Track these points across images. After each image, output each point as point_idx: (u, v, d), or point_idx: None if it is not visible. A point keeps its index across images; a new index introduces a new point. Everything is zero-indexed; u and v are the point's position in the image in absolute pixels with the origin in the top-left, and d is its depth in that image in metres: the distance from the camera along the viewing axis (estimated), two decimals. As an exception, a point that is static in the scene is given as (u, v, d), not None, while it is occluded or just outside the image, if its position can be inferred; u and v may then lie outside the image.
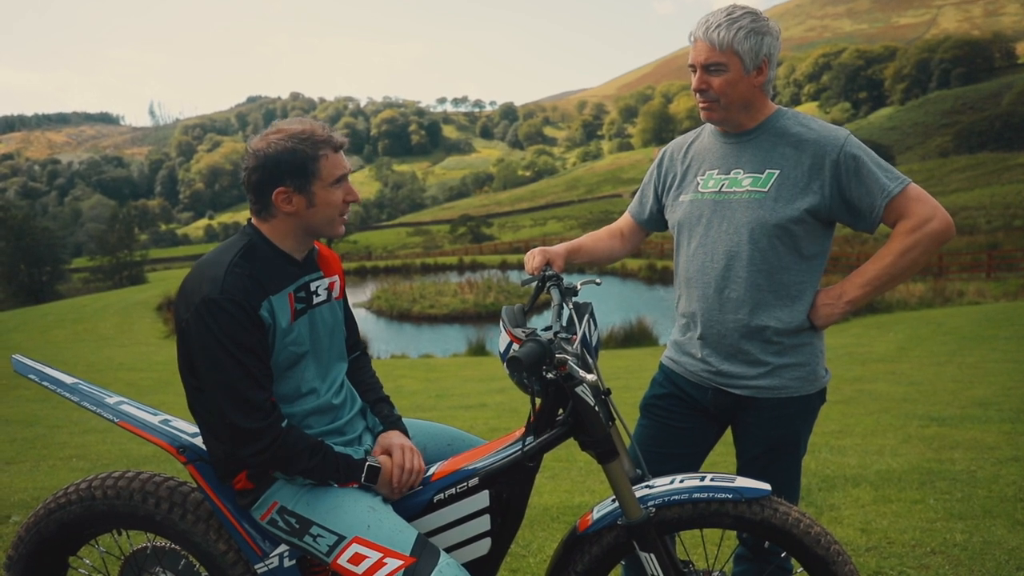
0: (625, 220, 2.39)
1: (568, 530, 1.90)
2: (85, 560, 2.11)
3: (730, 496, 1.71)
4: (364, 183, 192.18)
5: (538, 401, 1.78)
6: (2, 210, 60.10)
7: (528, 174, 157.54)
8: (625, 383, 8.20)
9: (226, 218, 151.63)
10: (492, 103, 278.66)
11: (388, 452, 1.84)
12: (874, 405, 6.73)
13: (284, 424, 1.70)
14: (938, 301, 19.17)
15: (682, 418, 2.14)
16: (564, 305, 1.90)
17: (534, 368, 1.61)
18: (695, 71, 1.95)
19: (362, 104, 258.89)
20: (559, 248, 2.23)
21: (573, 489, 4.16)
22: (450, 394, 9.13)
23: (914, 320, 16.11)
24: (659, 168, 2.26)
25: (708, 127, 2.12)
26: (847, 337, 14.39)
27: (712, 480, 1.74)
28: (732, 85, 1.91)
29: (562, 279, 2.03)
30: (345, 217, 1.84)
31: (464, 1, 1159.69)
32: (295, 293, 1.78)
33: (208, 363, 1.64)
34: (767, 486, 1.72)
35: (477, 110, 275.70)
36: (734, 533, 2.22)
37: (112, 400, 1.90)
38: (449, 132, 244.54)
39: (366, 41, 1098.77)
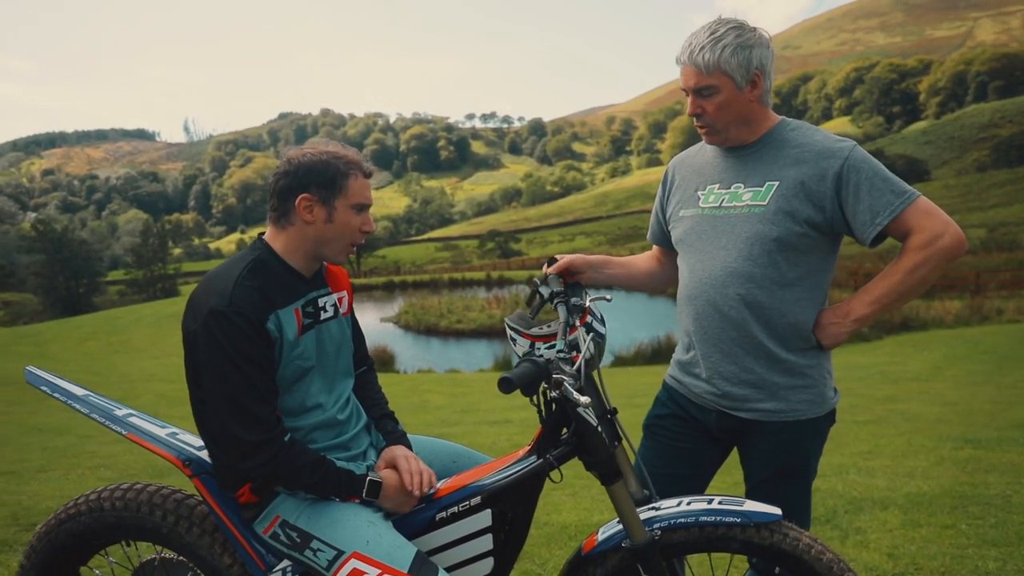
0: (654, 247, 2.35)
1: (574, 550, 1.86)
2: (96, 571, 2.12)
3: (738, 520, 1.66)
4: (393, 198, 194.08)
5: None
6: (42, 224, 61.81)
7: (556, 190, 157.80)
8: (650, 400, 8.10)
9: (257, 232, 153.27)
10: (520, 119, 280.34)
11: (392, 465, 1.83)
12: (906, 426, 6.57)
13: (287, 438, 1.70)
14: (975, 319, 18.75)
15: (685, 438, 2.08)
16: (570, 324, 1.88)
17: (529, 389, 1.59)
18: (688, 95, 1.91)
19: (391, 120, 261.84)
20: (586, 256, 2.18)
21: (592, 507, 4.10)
22: (475, 409, 9.11)
23: (950, 338, 15.76)
24: (663, 185, 2.22)
25: None
26: (879, 355, 14.11)
27: (720, 503, 1.69)
28: (726, 106, 1.86)
29: (569, 296, 1.99)
30: (353, 248, 1.86)
31: (493, 19, 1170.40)
32: (302, 308, 1.79)
33: (213, 375, 1.65)
34: (777, 510, 1.67)
35: (506, 126, 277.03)
36: (743, 557, 2.16)
37: (121, 412, 1.91)
38: (478, 148, 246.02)
39: (396, 58, 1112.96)
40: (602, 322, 2.00)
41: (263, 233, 1.84)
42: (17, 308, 57.46)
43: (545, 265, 2.16)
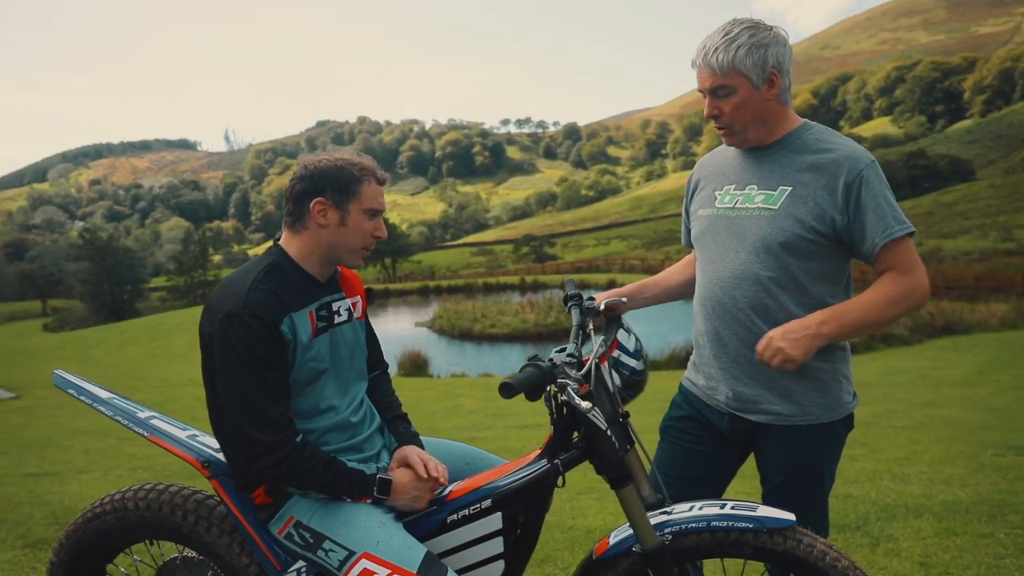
0: (691, 254, 2.32)
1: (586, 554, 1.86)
2: (121, 568, 2.18)
3: (751, 526, 1.63)
4: (428, 204, 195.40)
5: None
6: (89, 232, 63.55)
7: (591, 194, 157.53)
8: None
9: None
10: (555, 124, 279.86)
11: (405, 464, 1.86)
12: (946, 431, 6.41)
13: (299, 439, 1.73)
14: (1021, 322, 18.21)
15: (700, 441, 2.07)
16: (583, 327, 1.88)
17: (532, 393, 1.59)
18: (705, 97, 1.90)
19: (427, 126, 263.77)
20: (619, 291, 2.20)
21: (619, 511, 4.07)
22: (507, 413, 9.13)
23: (995, 342, 15.34)
24: (688, 186, 2.22)
25: None
26: (920, 359, 13.79)
27: (733, 508, 1.67)
28: (743, 107, 1.84)
29: (583, 299, 2.00)
30: (367, 252, 1.90)
31: (527, 27, 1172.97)
32: (316, 312, 1.82)
33: (228, 376, 1.69)
34: (791, 516, 1.65)
35: (540, 131, 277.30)
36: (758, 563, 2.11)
37: (144, 415, 1.97)
38: (513, 153, 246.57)
39: (431, 65, 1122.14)
40: (635, 355, 1.97)
41: (279, 238, 1.88)
42: (64, 314, 59.15)
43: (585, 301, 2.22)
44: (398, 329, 29.73)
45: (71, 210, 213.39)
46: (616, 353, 1.97)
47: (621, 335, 2.05)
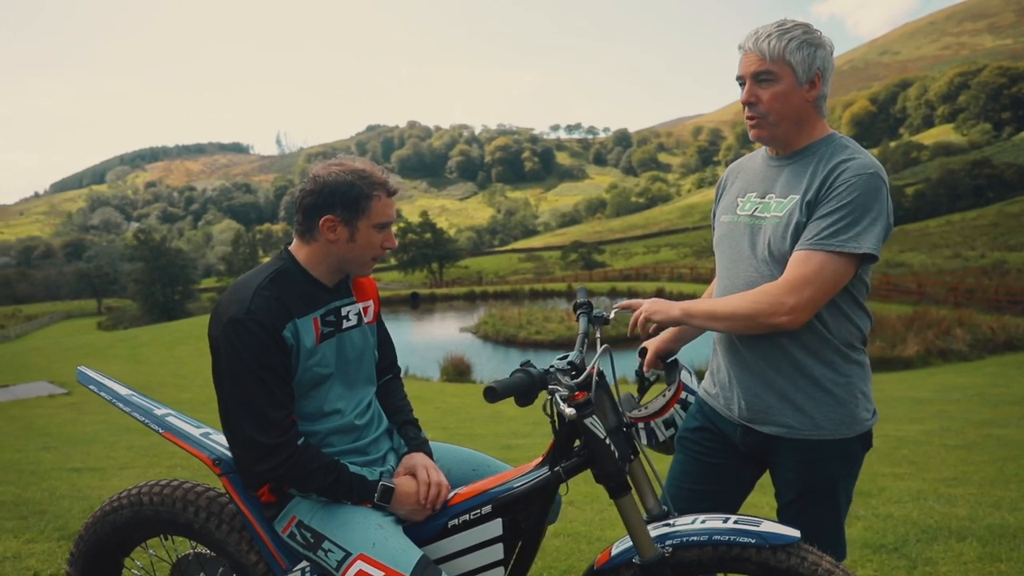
0: None
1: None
2: (137, 562, 2.23)
3: (753, 541, 1.59)
4: (477, 209, 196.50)
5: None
6: (143, 233, 65.55)
7: (641, 200, 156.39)
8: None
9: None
10: (606, 130, 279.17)
11: (411, 472, 1.86)
12: (1001, 452, 6.16)
13: (300, 442, 1.74)
14: (1088, 340, 17.42)
15: (715, 453, 2.03)
16: (588, 335, 1.88)
17: (522, 399, 1.59)
18: (743, 84, 1.85)
19: (476, 132, 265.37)
20: (666, 333, 2.23)
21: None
22: (547, 421, 9.06)
23: (1059, 360, 14.70)
24: (717, 190, 2.19)
25: (763, 148, 2.01)
26: (979, 376, 13.30)
27: (736, 523, 1.63)
28: (783, 97, 1.80)
29: (592, 307, 2.01)
30: (376, 262, 1.91)
31: (578, 34, 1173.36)
32: (322, 317, 1.84)
33: (232, 380, 1.71)
34: (795, 532, 1.60)
35: (590, 137, 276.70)
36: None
37: (160, 412, 2.00)
38: (562, 159, 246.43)
39: (482, 71, 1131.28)
40: (694, 392, 2.15)
41: (290, 243, 1.89)
42: (118, 313, 61.17)
43: (637, 355, 2.26)
44: (443, 334, 29.94)
45: (127, 211, 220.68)
46: (684, 395, 2.13)
47: (684, 376, 2.18)
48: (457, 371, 19.12)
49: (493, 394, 1.55)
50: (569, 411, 1.56)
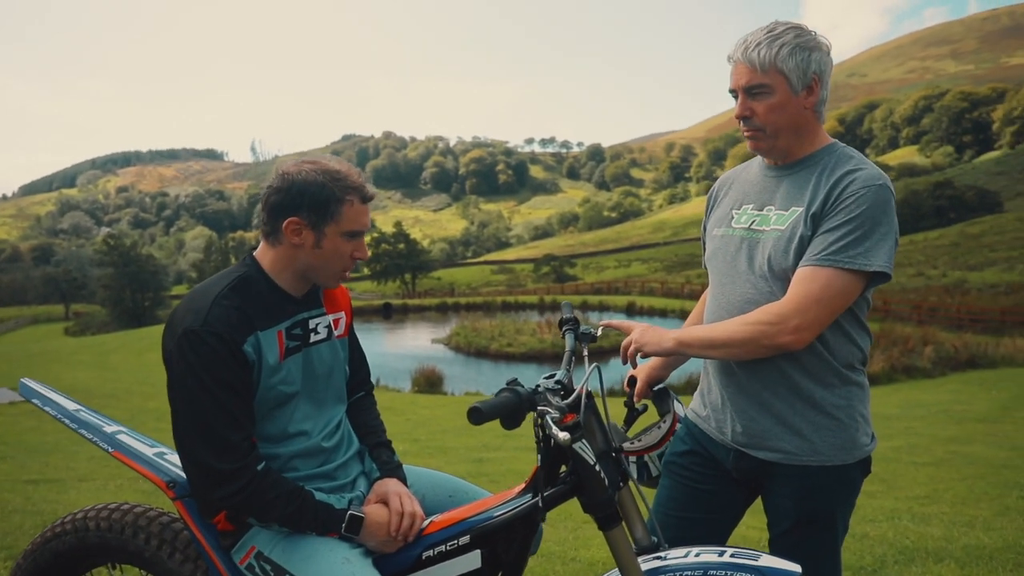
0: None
1: None
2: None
3: None
4: (451, 221, 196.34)
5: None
6: (113, 239, 64.52)
7: (614, 215, 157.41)
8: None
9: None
10: (579, 144, 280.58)
11: (384, 500, 1.72)
12: (969, 470, 6.18)
13: (260, 467, 1.60)
14: (1050, 358, 17.75)
15: (704, 479, 1.92)
16: (576, 353, 1.76)
17: (509, 421, 1.47)
18: (736, 96, 1.75)
19: (451, 143, 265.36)
20: (655, 361, 2.14)
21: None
22: (518, 434, 8.98)
23: (1021, 377, 14.95)
24: (708, 202, 2.09)
25: (759, 157, 1.92)
26: (943, 393, 13.47)
27: (733, 556, 1.54)
28: (779, 109, 1.70)
29: (579, 324, 1.88)
30: (347, 274, 1.76)
31: (555, 49, 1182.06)
32: (288, 330, 1.70)
33: (185, 397, 1.57)
34: (796, 568, 1.51)
35: (564, 151, 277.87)
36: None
37: (110, 429, 1.86)
38: (536, 172, 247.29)
39: (458, 83, 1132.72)
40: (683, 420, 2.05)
41: (255, 248, 1.76)
42: (87, 319, 59.89)
43: (625, 383, 2.17)
44: (415, 345, 29.69)
45: (98, 216, 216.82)
46: (679, 428, 2.03)
47: (678, 407, 2.07)
48: (428, 382, 18.91)
49: (478, 415, 1.42)
50: (563, 436, 1.42)
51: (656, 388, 2.15)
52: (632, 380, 2.16)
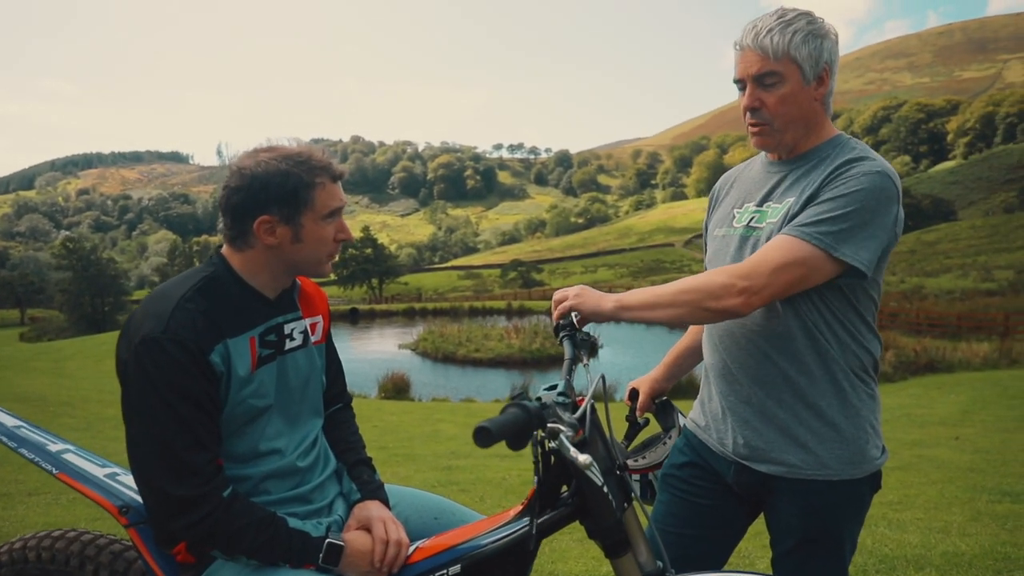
0: None
1: None
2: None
3: None
4: (418, 226, 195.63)
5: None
6: (72, 242, 62.97)
7: (581, 221, 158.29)
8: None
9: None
10: (547, 150, 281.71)
11: (366, 526, 1.57)
12: (937, 474, 6.21)
13: (226, 493, 1.43)
14: (1004, 362, 18.12)
15: (705, 493, 1.80)
16: (576, 361, 1.60)
17: (516, 442, 1.30)
18: (744, 87, 1.64)
19: (420, 148, 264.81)
20: (656, 374, 2.07)
21: (602, 555, 3.82)
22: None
23: (977, 382, 15.22)
24: (709, 203, 1.98)
25: (762, 154, 1.81)
26: (904, 397, 13.66)
27: None
28: (790, 100, 1.59)
29: (576, 329, 1.71)
30: (334, 257, 1.61)
31: (522, 54, 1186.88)
32: (261, 337, 1.54)
33: (142, 414, 1.40)
34: None
35: (532, 157, 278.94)
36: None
37: (56, 448, 1.69)
38: (504, 178, 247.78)
39: (427, 88, 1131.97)
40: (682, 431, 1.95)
41: (221, 246, 1.58)
42: (43, 324, 58.22)
43: (627, 396, 2.09)
44: (382, 350, 29.37)
45: (57, 219, 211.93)
46: (678, 439, 1.92)
47: (682, 420, 1.99)
48: (396, 388, 18.66)
49: (487, 437, 1.23)
50: (583, 459, 1.26)
51: (659, 401, 2.05)
52: (634, 393, 2.06)
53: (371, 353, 28.54)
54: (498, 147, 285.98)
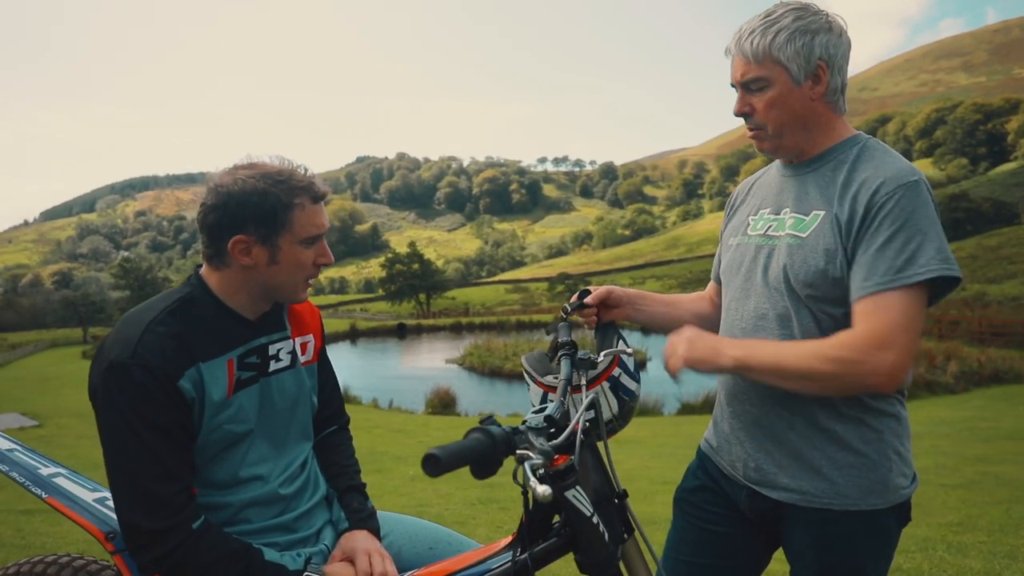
0: (710, 285, 1.95)
1: None
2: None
3: None
4: (465, 240, 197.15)
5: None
6: (128, 262, 65.21)
7: (627, 233, 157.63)
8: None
9: (333, 272, 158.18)
10: (592, 162, 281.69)
11: (351, 558, 1.48)
12: (1002, 492, 5.87)
13: (197, 525, 1.35)
14: (1076, 372, 17.32)
15: (718, 520, 1.66)
16: (570, 383, 1.48)
17: (481, 470, 1.19)
18: (737, 91, 1.54)
19: (465, 164, 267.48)
20: (626, 289, 1.84)
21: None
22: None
23: (1048, 393, 14.56)
24: (727, 211, 1.86)
25: (777, 160, 1.68)
26: (967, 410, 13.09)
27: None
28: (779, 103, 1.48)
29: (576, 348, 1.60)
30: (311, 283, 1.53)
31: (566, 69, 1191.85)
32: (240, 359, 1.47)
33: (111, 443, 1.34)
34: None
35: (577, 169, 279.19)
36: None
37: (47, 471, 1.65)
38: (549, 191, 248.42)
39: (471, 103, 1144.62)
40: (634, 376, 1.60)
41: (200, 266, 1.53)
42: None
43: (575, 295, 1.82)
44: (429, 365, 29.57)
45: (117, 240, 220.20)
46: (617, 371, 1.57)
47: (622, 345, 1.67)
48: (442, 403, 18.71)
49: (435, 464, 1.12)
50: (541, 490, 1.11)
51: (606, 322, 1.81)
52: (585, 292, 1.83)
53: (418, 368, 28.74)
54: (542, 160, 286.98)
